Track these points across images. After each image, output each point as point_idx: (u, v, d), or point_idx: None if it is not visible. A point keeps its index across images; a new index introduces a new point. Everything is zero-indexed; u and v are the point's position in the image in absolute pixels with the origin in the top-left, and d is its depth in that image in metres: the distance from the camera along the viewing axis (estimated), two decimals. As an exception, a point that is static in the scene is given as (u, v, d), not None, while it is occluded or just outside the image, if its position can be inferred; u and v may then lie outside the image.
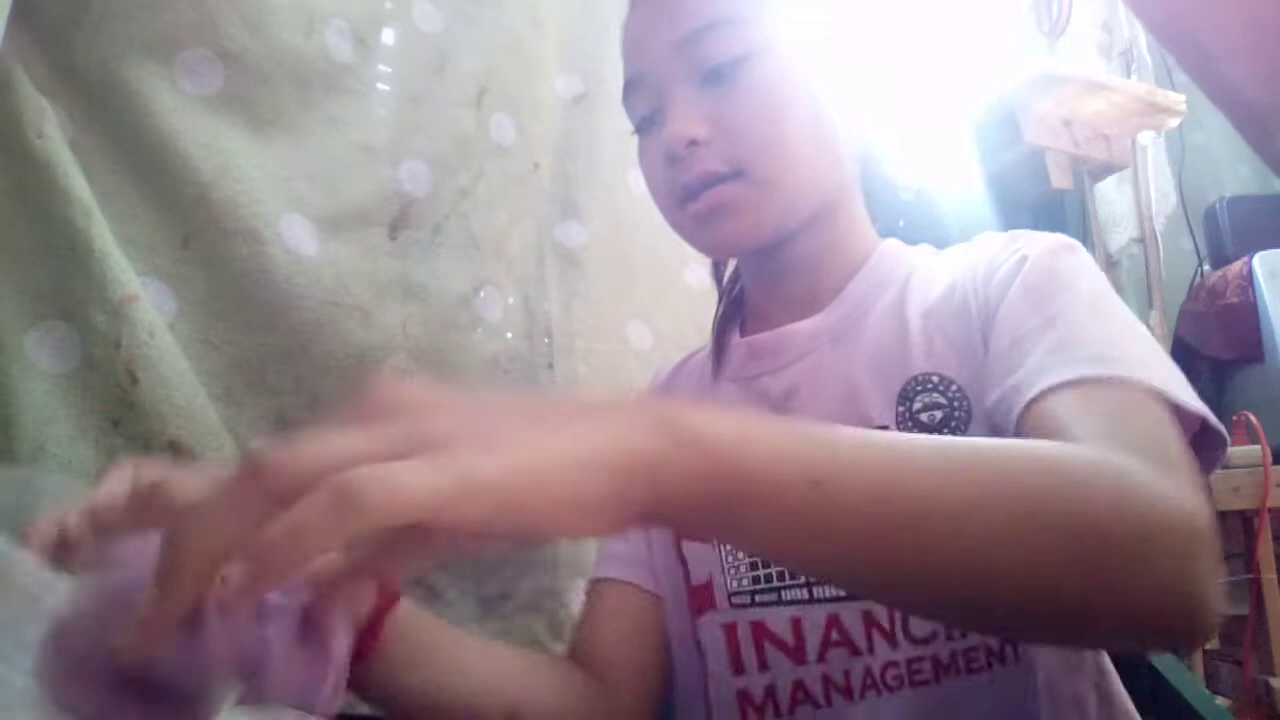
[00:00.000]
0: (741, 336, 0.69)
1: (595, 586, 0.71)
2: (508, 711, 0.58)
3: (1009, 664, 0.56)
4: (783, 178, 0.60)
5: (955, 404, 0.56)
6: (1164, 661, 1.20)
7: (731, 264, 0.77)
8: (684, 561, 0.66)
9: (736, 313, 0.73)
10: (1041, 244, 0.58)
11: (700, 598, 0.65)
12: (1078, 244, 0.59)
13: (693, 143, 0.59)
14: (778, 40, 0.61)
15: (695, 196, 0.61)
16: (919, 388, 0.57)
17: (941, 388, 0.57)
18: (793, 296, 0.66)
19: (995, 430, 0.53)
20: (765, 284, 0.69)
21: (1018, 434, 0.49)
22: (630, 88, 0.65)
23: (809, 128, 0.61)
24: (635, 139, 0.68)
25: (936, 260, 0.65)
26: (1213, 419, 0.50)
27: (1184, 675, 1.20)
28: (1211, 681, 1.49)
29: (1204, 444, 0.51)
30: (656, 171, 0.64)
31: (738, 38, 0.60)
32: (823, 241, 0.65)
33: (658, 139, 0.62)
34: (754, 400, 0.65)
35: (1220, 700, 1.34)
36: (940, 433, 0.56)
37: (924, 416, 0.56)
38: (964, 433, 0.55)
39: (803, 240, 0.64)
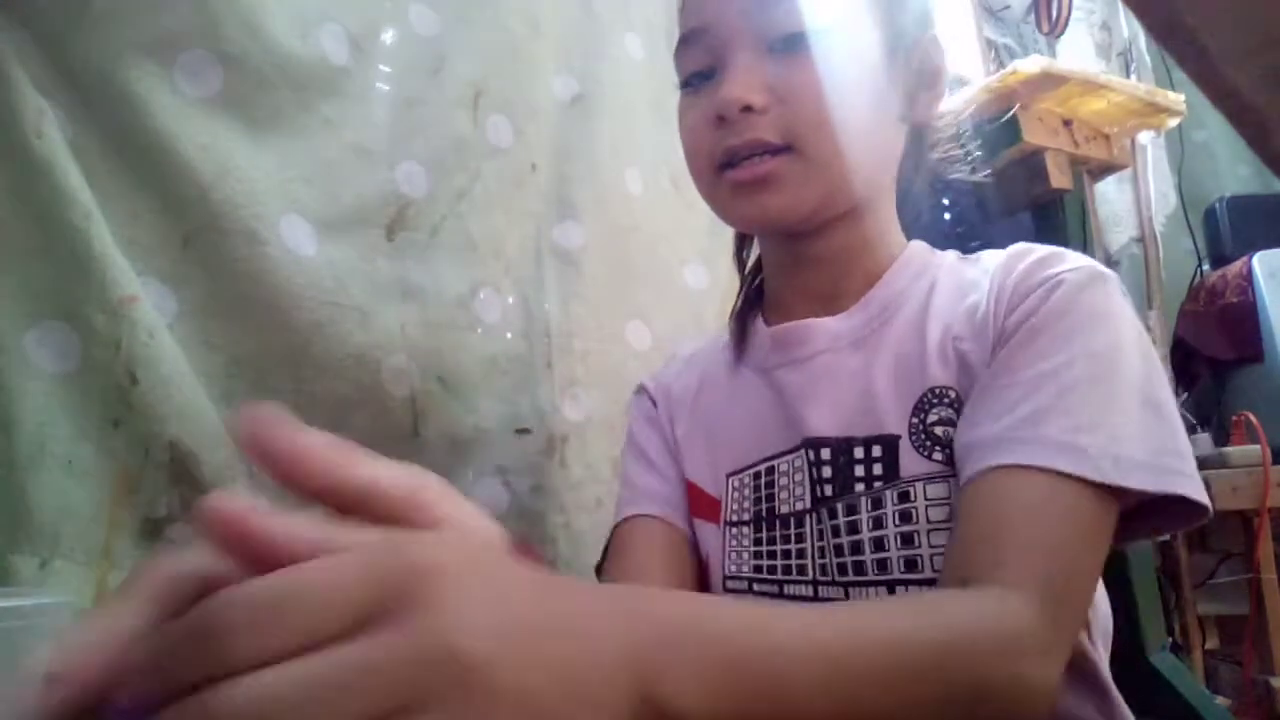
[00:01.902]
0: (766, 325, 0.68)
1: (629, 524, 0.67)
2: None
3: None
4: (834, 159, 0.59)
5: None
6: (1164, 661, 1.20)
7: (754, 253, 0.76)
8: (693, 529, 0.67)
9: (757, 302, 0.72)
10: (1071, 278, 0.55)
11: (703, 573, 0.65)
12: (1112, 276, 0.56)
13: (748, 108, 0.58)
14: (849, 21, 0.60)
15: (738, 163, 0.59)
16: (935, 400, 0.57)
17: (956, 405, 0.56)
18: (817, 290, 0.65)
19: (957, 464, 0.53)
20: (790, 275, 0.68)
21: (964, 488, 0.50)
22: (686, 41, 0.64)
23: (866, 116, 0.60)
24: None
25: (963, 268, 0.64)
26: (1192, 493, 0.49)
27: (1184, 675, 1.20)
28: (1211, 681, 1.49)
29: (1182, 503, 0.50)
30: (699, 131, 0.62)
31: (812, 11, 0.59)
32: (854, 237, 0.64)
33: (707, 98, 0.61)
34: (771, 392, 0.65)
35: (1220, 700, 1.33)
36: (952, 448, 0.55)
37: (938, 430, 0.56)
38: None
39: (837, 233, 0.63)
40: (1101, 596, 0.61)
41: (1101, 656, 0.58)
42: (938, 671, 0.40)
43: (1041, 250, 0.59)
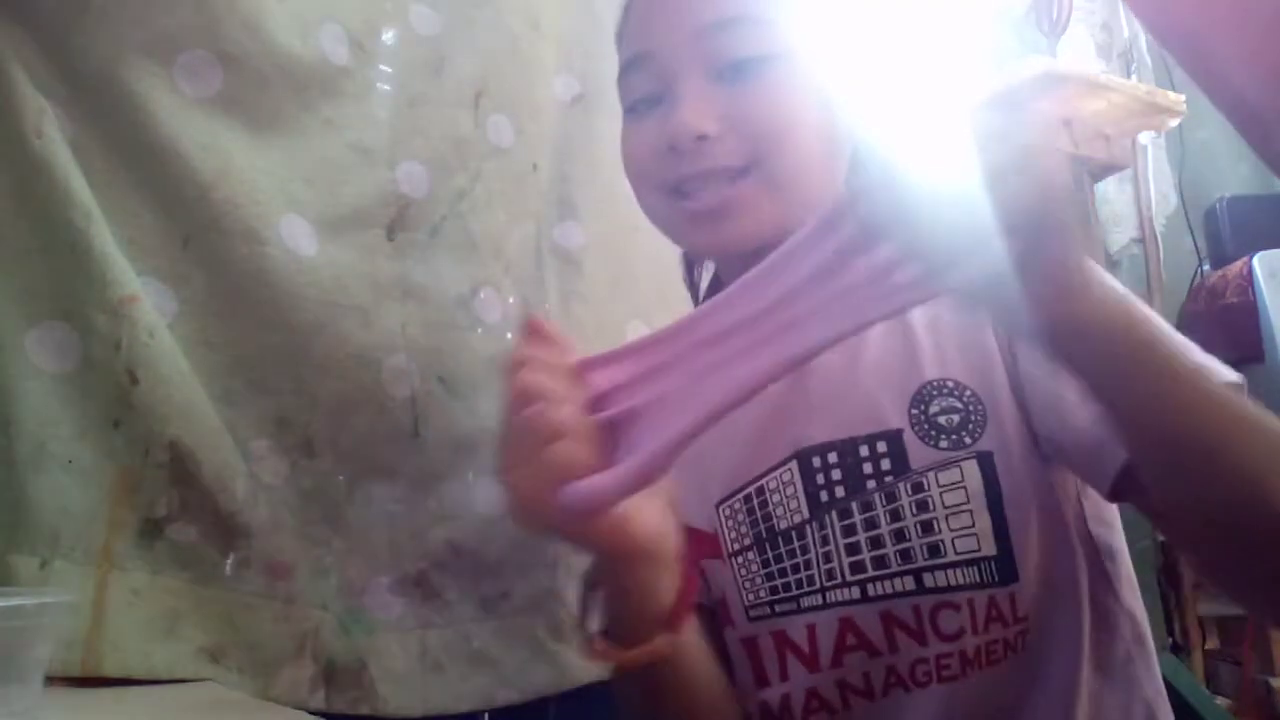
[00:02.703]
0: None
1: None
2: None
3: (1020, 654, 0.57)
4: (794, 180, 0.59)
5: (971, 408, 0.56)
6: (1164, 661, 1.20)
7: (709, 270, 0.76)
8: (704, 575, 0.66)
9: None
10: None
11: (723, 613, 0.65)
12: None
13: (701, 137, 0.58)
14: (797, 43, 0.60)
15: (694, 193, 0.59)
16: (935, 392, 0.58)
17: (957, 393, 0.57)
18: None
19: (1066, 446, 0.55)
20: None
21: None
22: (631, 67, 0.63)
23: (822, 133, 0.60)
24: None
25: None
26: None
27: (1184, 675, 1.20)
28: (1211, 681, 1.49)
29: None
30: (647, 158, 0.62)
31: (760, 36, 0.59)
32: None
33: (655, 124, 0.60)
34: (754, 408, 0.64)
35: (1220, 700, 1.33)
36: (958, 434, 0.56)
37: (941, 419, 0.57)
38: (980, 435, 0.56)
39: None
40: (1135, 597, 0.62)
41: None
42: None
43: None
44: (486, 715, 0.91)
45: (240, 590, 0.80)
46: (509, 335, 1.00)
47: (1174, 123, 1.46)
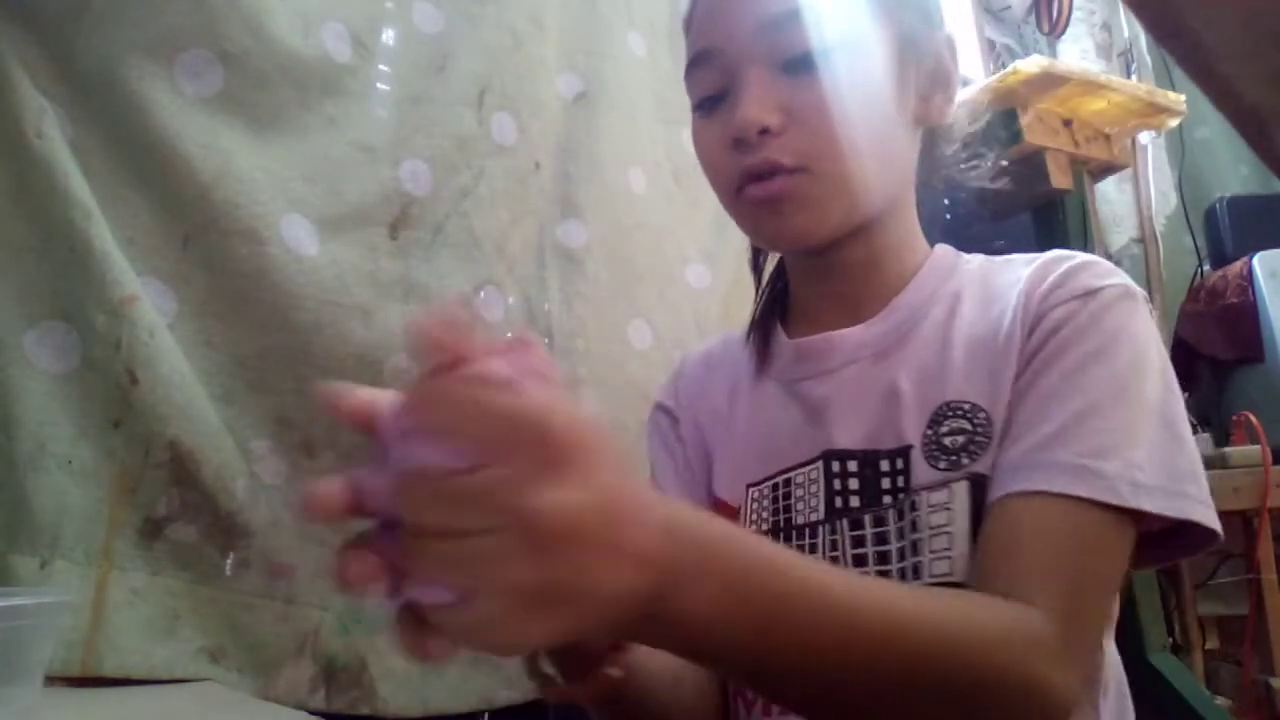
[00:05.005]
0: (786, 334, 0.68)
1: None
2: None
3: None
4: (851, 176, 0.59)
5: (978, 430, 0.56)
6: (1164, 661, 1.20)
7: (773, 258, 0.76)
8: None
9: (778, 310, 0.72)
10: (1102, 294, 0.55)
11: None
12: (1140, 294, 0.57)
13: (765, 130, 0.58)
14: (859, 37, 0.60)
15: (755, 181, 0.60)
16: (949, 413, 0.57)
17: (970, 414, 0.56)
18: (842, 298, 0.65)
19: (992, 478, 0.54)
20: (814, 284, 0.68)
21: (990, 510, 0.52)
22: (697, 63, 0.64)
23: (881, 128, 0.61)
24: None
25: (992, 275, 0.63)
26: (1205, 519, 0.50)
27: (1184, 675, 1.20)
28: (1211, 681, 1.48)
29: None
30: (717, 154, 0.62)
31: (823, 29, 0.59)
32: (878, 245, 0.64)
33: (723, 120, 0.61)
34: (795, 404, 0.65)
35: (1220, 700, 1.34)
36: (957, 456, 0.55)
37: (947, 440, 0.56)
38: (979, 457, 0.55)
39: (859, 243, 0.63)
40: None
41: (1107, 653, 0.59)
42: (942, 655, 0.42)
43: (1074, 260, 0.59)
44: (486, 715, 0.91)
45: (240, 590, 0.80)
46: (510, 335, 1.00)
47: (1174, 123, 1.46)
